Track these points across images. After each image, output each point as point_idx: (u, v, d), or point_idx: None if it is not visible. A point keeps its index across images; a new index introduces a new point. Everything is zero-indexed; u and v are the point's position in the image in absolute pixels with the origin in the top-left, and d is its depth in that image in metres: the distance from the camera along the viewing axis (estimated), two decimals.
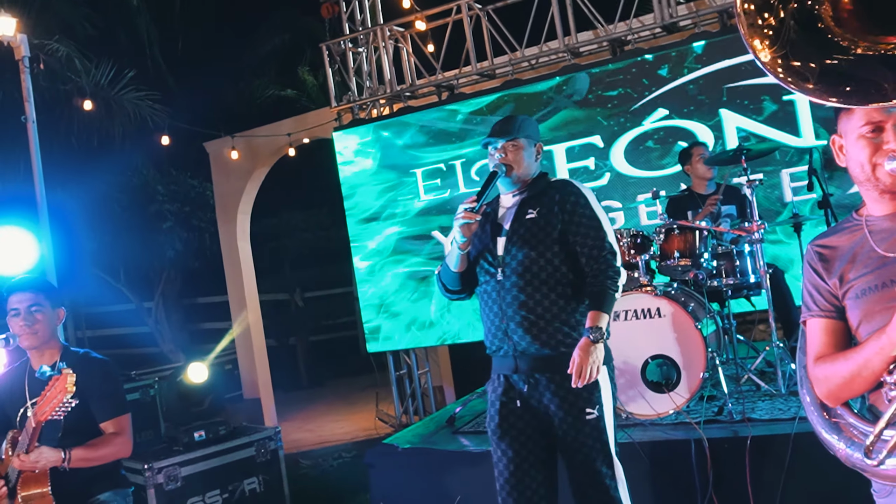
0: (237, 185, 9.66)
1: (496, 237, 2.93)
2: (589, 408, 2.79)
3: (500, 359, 2.92)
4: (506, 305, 2.84)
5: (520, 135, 2.94)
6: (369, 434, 8.60)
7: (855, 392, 1.77)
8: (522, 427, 2.86)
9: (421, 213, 7.82)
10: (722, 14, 6.75)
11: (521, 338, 2.82)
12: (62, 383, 2.63)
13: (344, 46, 8.25)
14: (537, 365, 2.82)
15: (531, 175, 2.99)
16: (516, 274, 2.83)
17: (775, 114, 6.39)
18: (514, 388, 2.88)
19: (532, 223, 2.86)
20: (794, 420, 3.76)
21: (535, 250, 2.83)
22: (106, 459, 3.03)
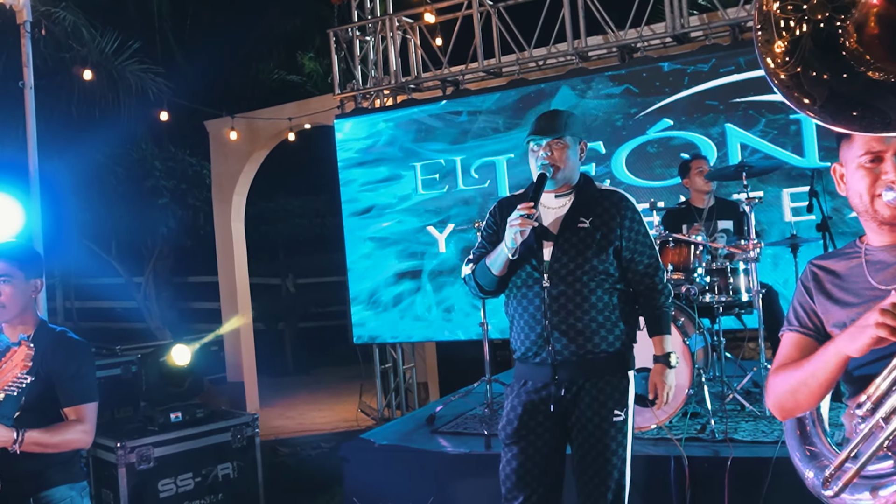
0: (235, 165, 9.58)
1: (542, 241, 2.86)
2: (618, 410, 2.81)
3: (533, 366, 2.87)
4: (551, 314, 2.80)
5: (566, 133, 2.85)
6: (350, 426, 8.54)
7: (801, 404, 1.72)
8: (541, 433, 2.84)
9: (418, 208, 7.75)
10: (734, 28, 6.68)
11: (564, 347, 2.79)
12: (19, 356, 2.44)
13: (351, 34, 8.17)
14: (576, 371, 2.81)
15: (575, 177, 2.92)
16: (564, 283, 2.80)
17: (781, 132, 6.33)
18: (542, 395, 2.84)
19: (585, 233, 2.83)
20: (777, 444, 3.71)
21: (588, 262, 2.80)
22: (62, 447, 2.79)
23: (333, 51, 8.18)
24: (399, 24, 7.99)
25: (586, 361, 2.80)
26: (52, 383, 2.80)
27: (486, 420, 4.82)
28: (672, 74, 6.70)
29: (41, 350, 2.84)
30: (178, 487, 4.98)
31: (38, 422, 2.74)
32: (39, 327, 2.93)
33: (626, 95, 6.87)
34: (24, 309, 2.90)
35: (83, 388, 2.86)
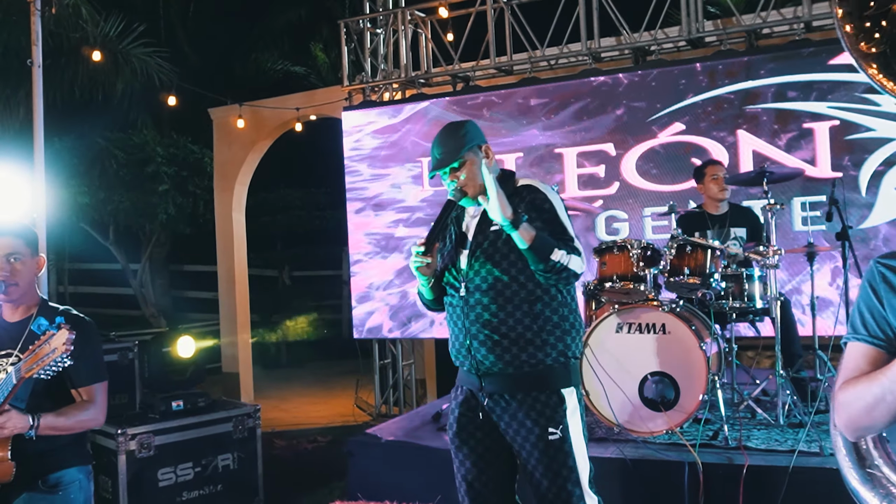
0: (238, 154, 9.49)
1: (459, 249, 2.79)
2: (552, 427, 2.64)
3: (464, 373, 2.82)
4: (469, 323, 2.71)
5: (460, 153, 2.70)
6: (346, 420, 8.48)
7: (877, 423, 1.52)
8: (481, 437, 2.77)
9: (423, 203, 7.69)
10: (750, 34, 6.64)
11: (483, 357, 2.69)
12: (59, 339, 2.41)
13: (362, 26, 8.10)
14: (500, 384, 2.70)
15: (490, 180, 2.65)
16: (479, 291, 2.70)
17: (794, 141, 6.30)
18: (471, 404, 2.78)
19: (496, 236, 2.68)
20: (794, 453, 3.67)
21: (498, 266, 2.68)
22: (76, 429, 2.78)
23: (343, 42, 8.11)
24: (411, 17, 7.92)
25: (509, 376, 2.68)
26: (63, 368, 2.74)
27: None
28: (686, 78, 6.66)
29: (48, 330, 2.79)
30: (178, 477, 4.92)
31: (48, 404, 2.71)
32: (42, 306, 2.88)
33: (638, 98, 6.83)
34: (29, 287, 2.84)
35: (93, 368, 2.83)
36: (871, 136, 6.09)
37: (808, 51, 6.30)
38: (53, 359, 2.41)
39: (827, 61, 6.20)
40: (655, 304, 4.16)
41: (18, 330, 2.80)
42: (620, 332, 4.17)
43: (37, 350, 2.46)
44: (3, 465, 2.62)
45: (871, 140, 6.09)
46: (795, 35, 6.51)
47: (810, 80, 6.27)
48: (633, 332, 4.16)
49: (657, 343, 4.11)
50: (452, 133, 2.78)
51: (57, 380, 2.72)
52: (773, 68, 6.38)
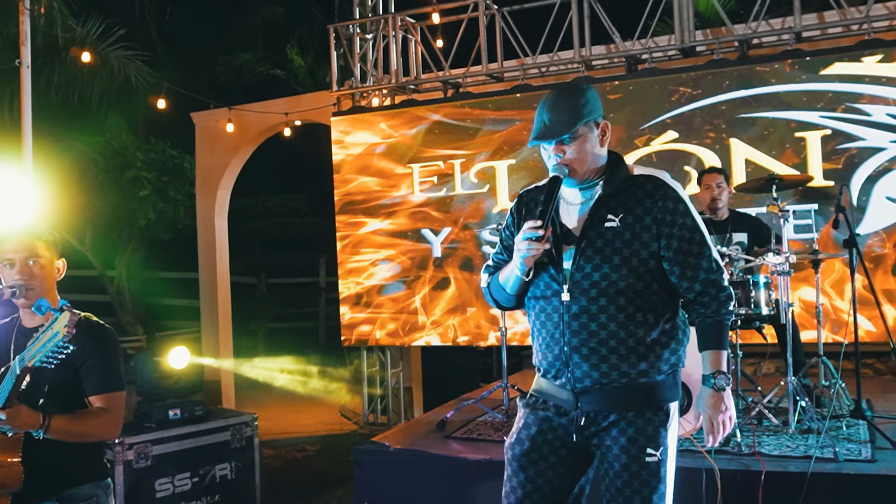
0: (222, 159, 9.36)
1: (560, 244, 2.36)
2: (651, 448, 2.31)
3: (554, 386, 2.42)
4: (570, 333, 2.31)
5: (577, 126, 2.30)
6: (332, 429, 8.39)
7: None
8: (555, 462, 2.39)
9: (414, 210, 7.64)
10: (742, 44, 6.71)
11: (584, 374, 2.32)
12: (60, 323, 2.30)
13: (352, 31, 8.04)
14: (601, 401, 2.34)
15: (600, 160, 2.38)
16: (587, 297, 2.30)
17: (785, 149, 6.37)
18: (562, 422, 2.39)
19: (614, 234, 2.30)
20: (810, 459, 3.68)
21: (616, 271, 2.29)
22: (88, 437, 2.65)
23: (332, 47, 8.04)
24: (402, 23, 7.88)
25: (613, 391, 2.32)
26: (77, 370, 2.64)
27: (501, 427, 4.73)
28: (679, 87, 6.70)
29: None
30: (176, 487, 4.81)
31: (62, 410, 2.58)
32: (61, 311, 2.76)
33: (632, 105, 6.86)
34: (49, 291, 2.74)
35: (111, 376, 2.70)
36: (862, 146, 6.17)
37: (799, 61, 6.38)
38: (55, 343, 2.28)
39: (818, 71, 6.28)
40: None
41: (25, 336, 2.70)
42: None
43: (40, 336, 2.34)
44: (11, 471, 2.48)
45: (862, 149, 6.17)
46: (786, 45, 6.58)
47: (802, 89, 6.34)
48: None
49: None
50: (570, 99, 2.35)
51: (72, 386, 2.64)
52: (764, 78, 6.44)
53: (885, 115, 6.10)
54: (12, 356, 2.71)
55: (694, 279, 2.33)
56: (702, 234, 2.34)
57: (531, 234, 2.24)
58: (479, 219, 7.38)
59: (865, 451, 3.90)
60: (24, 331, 2.73)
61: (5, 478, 2.46)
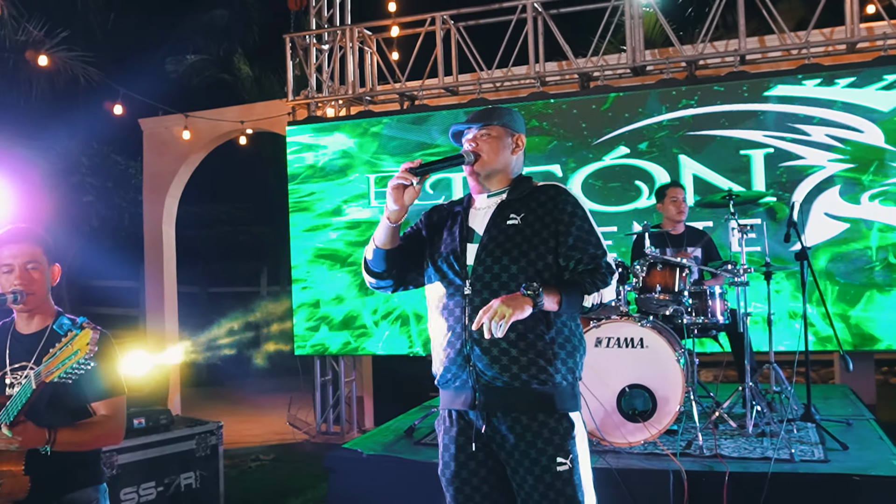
0: (171, 166, 9.25)
1: (465, 243, 2.49)
2: (561, 457, 2.34)
3: (453, 391, 2.46)
4: (472, 326, 2.30)
5: (494, 122, 2.52)
6: (282, 438, 8.35)
7: None
8: (485, 475, 2.43)
9: (369, 221, 7.70)
10: (690, 64, 7.00)
11: (486, 366, 2.36)
12: (82, 340, 2.27)
13: (308, 41, 8.08)
14: (501, 401, 2.37)
15: (510, 172, 2.55)
16: (489, 289, 2.38)
17: (731, 166, 6.66)
18: (470, 428, 2.43)
19: (514, 231, 2.43)
20: (770, 461, 3.89)
21: (515, 263, 2.39)
22: (94, 445, 2.68)
23: (288, 57, 8.06)
24: (359, 34, 7.96)
25: (514, 391, 2.36)
26: (79, 377, 2.62)
27: None
28: (630, 104, 6.95)
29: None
30: (140, 497, 4.77)
31: (63, 418, 2.60)
32: (58, 317, 2.76)
33: (584, 121, 7.07)
34: (46, 298, 2.74)
35: (112, 381, 2.71)
36: (802, 164, 6.51)
37: (744, 83, 6.70)
38: (77, 360, 2.27)
39: (762, 92, 6.60)
40: (634, 320, 4.33)
41: (33, 342, 2.69)
42: (600, 347, 4.32)
43: (58, 352, 2.32)
44: (18, 481, 2.48)
45: (801, 167, 6.51)
46: (732, 66, 6.90)
47: (746, 109, 6.66)
48: (611, 347, 4.32)
49: (635, 357, 4.28)
50: (494, 107, 2.63)
51: (72, 393, 2.61)
52: (711, 97, 6.74)
53: (824, 136, 6.45)
54: (8, 362, 2.70)
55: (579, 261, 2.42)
56: (596, 236, 2.47)
57: (407, 166, 2.39)
58: None
59: (818, 452, 4.14)
60: (20, 336, 2.72)
61: (12, 487, 2.46)
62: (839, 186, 6.43)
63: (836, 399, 5.66)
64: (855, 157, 6.38)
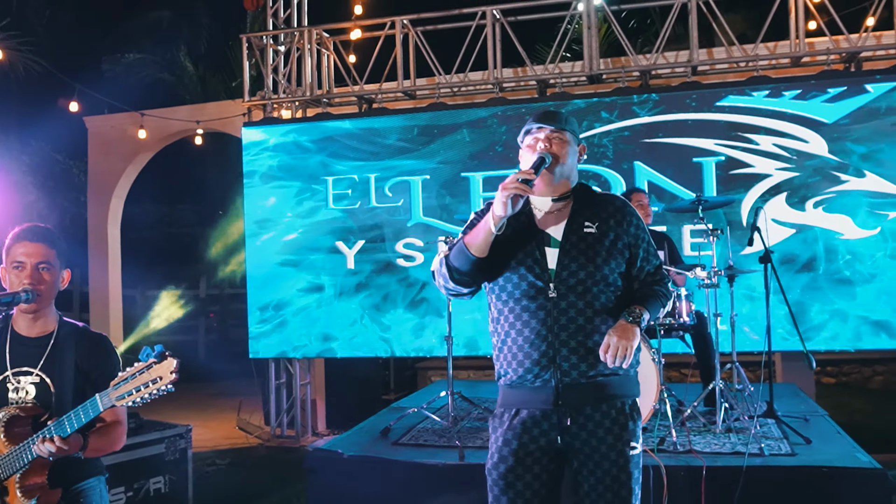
0: (117, 166, 9.04)
1: (544, 247, 2.55)
2: (634, 442, 2.51)
3: (530, 391, 2.52)
4: (559, 328, 2.46)
5: (566, 127, 2.60)
6: (234, 443, 8.24)
7: None
8: (539, 471, 2.51)
9: (327, 223, 7.67)
10: (644, 74, 7.22)
11: (572, 366, 2.47)
12: (166, 368, 2.29)
13: (265, 41, 8.02)
14: (583, 397, 2.49)
15: (571, 179, 2.64)
16: (574, 292, 2.49)
17: (683, 172, 6.89)
18: (542, 427, 2.51)
19: (593, 239, 2.53)
20: (743, 455, 4.06)
21: (598, 270, 2.51)
22: (107, 451, 2.68)
23: (245, 57, 7.99)
24: (317, 36, 7.94)
25: (596, 385, 2.49)
26: (86, 383, 2.63)
27: (444, 433, 4.88)
28: (587, 111, 7.12)
29: (74, 347, 2.67)
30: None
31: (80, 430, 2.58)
32: (62, 323, 2.72)
33: None
34: (52, 300, 2.69)
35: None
36: (751, 172, 6.79)
37: (696, 93, 6.95)
38: (157, 388, 2.30)
39: (713, 102, 6.86)
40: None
41: (38, 346, 2.64)
42: None
43: (131, 377, 2.34)
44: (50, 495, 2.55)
45: (751, 175, 6.79)
46: (685, 77, 7.15)
47: (699, 118, 6.90)
48: None
49: None
50: (562, 113, 2.70)
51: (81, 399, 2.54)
52: (665, 106, 6.97)
53: (772, 145, 6.74)
54: (9, 365, 2.64)
55: (650, 273, 2.65)
56: (655, 247, 2.71)
57: (522, 177, 2.36)
58: (394, 232, 7.52)
59: (784, 446, 4.34)
60: (22, 339, 2.66)
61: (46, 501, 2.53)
62: (786, 194, 6.72)
63: (788, 397, 5.92)
64: (801, 166, 6.68)
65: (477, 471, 4.07)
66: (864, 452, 4.21)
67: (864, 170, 6.56)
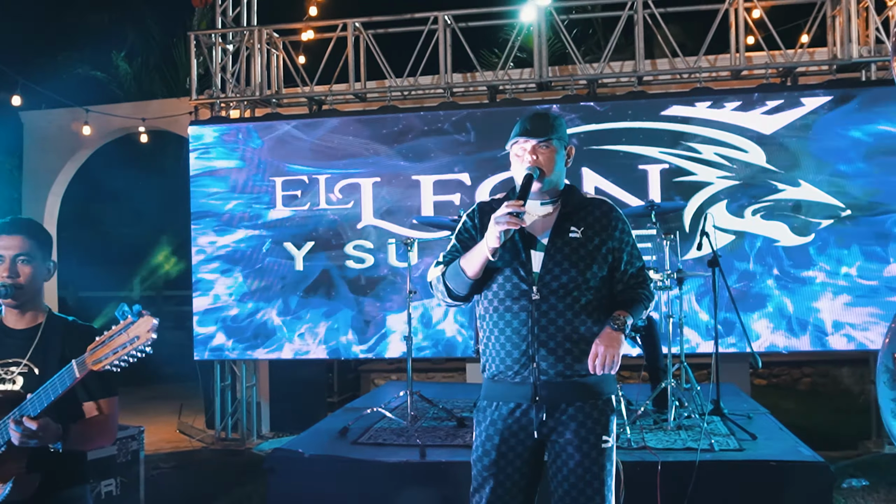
0: (55, 163, 8.80)
1: (529, 250, 2.67)
2: (606, 435, 2.64)
3: (510, 386, 2.65)
4: (539, 329, 2.60)
5: (553, 136, 2.69)
6: (176, 446, 8.09)
7: None
8: (520, 465, 2.66)
9: (275, 224, 7.62)
10: (591, 83, 7.41)
11: (550, 365, 2.60)
12: (142, 327, 2.21)
13: (214, 39, 7.93)
14: (561, 393, 2.62)
15: (560, 182, 2.76)
16: (555, 296, 2.61)
17: (630, 179, 7.09)
18: (521, 422, 2.64)
19: (577, 243, 2.64)
20: (696, 451, 4.23)
21: (581, 274, 2.62)
22: (93, 445, 2.63)
23: (193, 55, 7.88)
24: (268, 36, 7.89)
25: (573, 384, 2.61)
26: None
27: (402, 433, 4.92)
28: None
29: (61, 339, 2.63)
30: None
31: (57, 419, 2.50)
32: (50, 315, 2.69)
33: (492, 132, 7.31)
34: (37, 293, 2.66)
35: (109, 382, 2.62)
36: (694, 180, 7.03)
37: (641, 102, 7.17)
38: (134, 348, 2.23)
39: (658, 112, 7.08)
40: None
41: (27, 338, 2.60)
42: None
43: (109, 339, 2.26)
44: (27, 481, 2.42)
45: (693, 182, 7.03)
46: (632, 87, 7.36)
47: (644, 127, 7.11)
48: None
49: None
50: (548, 117, 2.75)
51: (71, 396, 2.50)
52: (612, 114, 7.16)
53: (713, 154, 6.99)
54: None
55: (633, 276, 2.75)
56: (639, 250, 2.81)
57: (513, 209, 2.48)
58: (344, 234, 7.52)
59: (732, 442, 4.53)
60: (10, 331, 2.62)
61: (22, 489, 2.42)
62: (726, 201, 6.99)
63: (730, 396, 6.14)
64: (740, 174, 6.95)
65: (438, 468, 4.17)
66: (807, 447, 4.43)
67: (798, 179, 6.86)
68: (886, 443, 6.91)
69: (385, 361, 10.20)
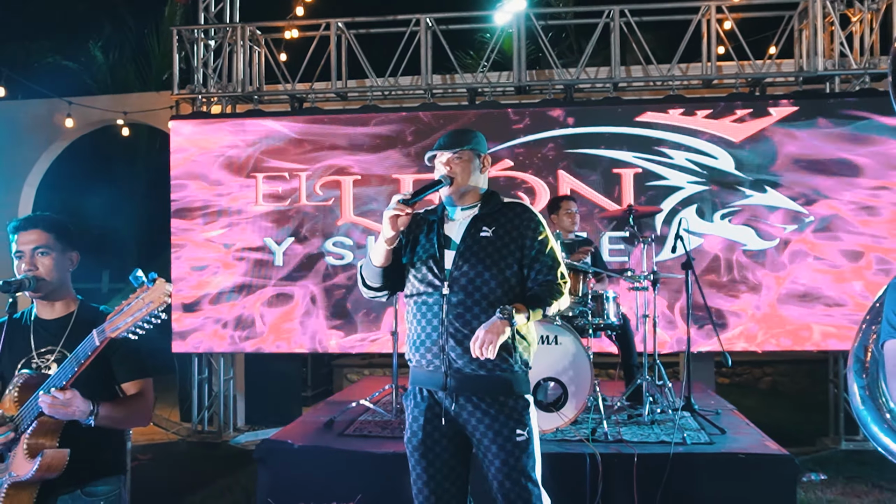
0: (30, 154, 8.78)
1: (443, 249, 2.92)
2: (520, 429, 2.83)
3: (426, 373, 2.91)
4: (448, 322, 2.84)
5: (465, 147, 2.94)
6: (152, 439, 8.14)
7: None
8: (446, 444, 2.88)
9: (255, 219, 7.71)
10: (568, 88, 7.62)
11: (458, 356, 2.82)
12: (156, 292, 2.25)
13: (196, 35, 7.98)
14: (469, 385, 2.84)
15: (479, 189, 3.00)
16: (464, 291, 2.84)
17: (604, 183, 7.32)
18: (439, 405, 2.88)
19: (487, 242, 2.88)
20: (670, 444, 4.45)
21: (488, 270, 2.85)
22: (128, 424, 2.72)
23: (175, 50, 7.93)
24: (250, 33, 7.97)
25: (481, 378, 2.83)
26: (108, 361, 2.64)
27: (387, 425, 5.07)
28: (514, 120, 7.45)
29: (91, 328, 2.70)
30: None
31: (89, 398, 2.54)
32: (82, 304, 2.79)
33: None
34: (61, 283, 2.76)
35: (143, 363, 2.76)
36: (665, 184, 7.27)
37: (617, 108, 7.39)
38: (149, 312, 2.27)
39: (633, 118, 7.31)
40: (549, 320, 4.76)
41: (59, 327, 2.70)
42: None
43: (127, 307, 2.31)
44: (58, 454, 2.47)
45: (665, 187, 7.27)
46: (608, 93, 7.59)
47: (619, 132, 7.34)
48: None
49: (550, 352, 4.71)
50: (463, 131, 3.05)
51: (102, 377, 2.64)
52: (588, 119, 7.37)
53: (685, 160, 7.24)
54: (34, 347, 2.69)
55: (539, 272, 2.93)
56: (554, 250, 2.98)
57: (399, 197, 2.78)
58: (324, 230, 7.64)
59: (703, 436, 4.75)
60: (43, 322, 2.73)
61: (52, 460, 2.45)
62: (696, 206, 7.24)
63: (699, 393, 6.38)
64: (710, 180, 7.21)
65: None
66: (773, 441, 4.67)
67: (765, 185, 7.14)
68: (843, 439, 7.23)
69: (358, 357, 10.33)
